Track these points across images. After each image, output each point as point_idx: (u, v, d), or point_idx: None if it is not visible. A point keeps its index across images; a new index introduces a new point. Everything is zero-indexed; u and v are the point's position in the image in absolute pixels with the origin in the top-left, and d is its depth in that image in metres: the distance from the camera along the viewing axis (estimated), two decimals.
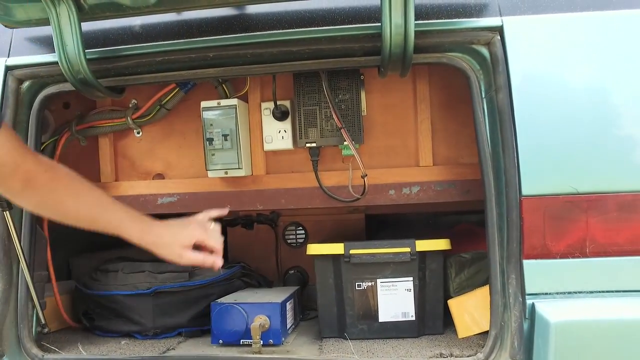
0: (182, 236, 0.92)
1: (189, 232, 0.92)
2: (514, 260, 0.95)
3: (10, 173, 0.80)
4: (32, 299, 1.11)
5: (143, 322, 1.25)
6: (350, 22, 1.03)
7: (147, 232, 0.90)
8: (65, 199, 0.86)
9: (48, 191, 0.85)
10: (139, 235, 0.90)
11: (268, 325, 1.12)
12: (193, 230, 0.93)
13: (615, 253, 0.94)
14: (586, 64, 0.97)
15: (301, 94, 1.20)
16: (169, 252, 0.92)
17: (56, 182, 0.86)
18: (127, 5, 1.00)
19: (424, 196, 1.18)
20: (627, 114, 0.96)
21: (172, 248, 0.91)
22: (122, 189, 1.30)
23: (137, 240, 0.91)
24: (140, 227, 0.90)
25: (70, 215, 0.89)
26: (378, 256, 1.15)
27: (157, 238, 0.91)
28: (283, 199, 1.22)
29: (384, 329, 1.17)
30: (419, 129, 1.22)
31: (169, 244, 0.91)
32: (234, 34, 1.05)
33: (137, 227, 0.90)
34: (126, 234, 0.91)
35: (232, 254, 1.76)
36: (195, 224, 0.94)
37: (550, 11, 0.99)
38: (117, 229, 0.90)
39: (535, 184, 0.95)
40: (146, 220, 0.92)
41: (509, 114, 0.97)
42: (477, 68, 1.03)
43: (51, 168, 0.86)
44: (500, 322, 0.97)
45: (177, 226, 0.93)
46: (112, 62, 1.08)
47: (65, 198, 0.86)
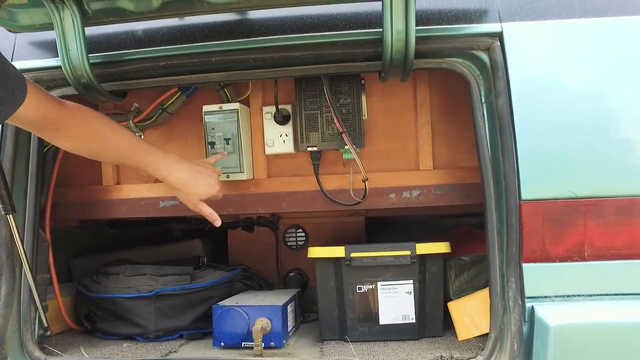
0: (200, 190, 1.04)
1: (207, 189, 1.04)
2: (513, 263, 0.96)
3: (41, 126, 0.91)
4: (34, 302, 1.11)
5: (145, 324, 1.25)
6: (352, 28, 1.04)
7: (170, 175, 1.02)
8: (95, 142, 0.97)
9: (79, 136, 0.96)
10: (163, 176, 1.03)
11: (269, 328, 1.13)
12: (212, 188, 1.05)
13: (613, 257, 0.95)
14: (584, 70, 0.99)
15: (302, 98, 1.21)
16: (185, 199, 1.05)
17: (83, 128, 0.96)
18: (131, 10, 1.01)
19: (424, 200, 1.19)
20: (625, 119, 0.98)
21: (189, 197, 1.04)
22: (124, 192, 1.31)
23: (161, 179, 1.04)
24: (165, 168, 1.02)
25: (102, 156, 1.04)
26: (379, 259, 1.16)
27: (181, 185, 1.03)
28: (284, 203, 1.23)
29: (384, 331, 1.18)
30: (419, 132, 1.23)
31: (187, 194, 1.04)
32: (236, 39, 1.06)
33: (162, 168, 1.02)
34: (151, 173, 1.04)
35: (232, 257, 1.77)
36: (215, 180, 1.06)
37: (549, 17, 1.00)
38: (144, 168, 1.03)
39: (534, 189, 0.96)
40: (171, 162, 1.03)
41: (509, 118, 0.98)
42: (477, 73, 1.04)
43: (79, 115, 0.95)
44: (500, 325, 0.98)
45: (198, 177, 1.04)
46: (115, 66, 1.09)
47: (95, 142, 0.97)
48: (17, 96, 0.82)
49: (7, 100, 0.81)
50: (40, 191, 1.18)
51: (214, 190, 1.06)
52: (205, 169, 1.07)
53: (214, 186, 1.06)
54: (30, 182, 1.14)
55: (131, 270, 1.30)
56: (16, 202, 1.08)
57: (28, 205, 1.13)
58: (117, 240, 1.75)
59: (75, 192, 1.33)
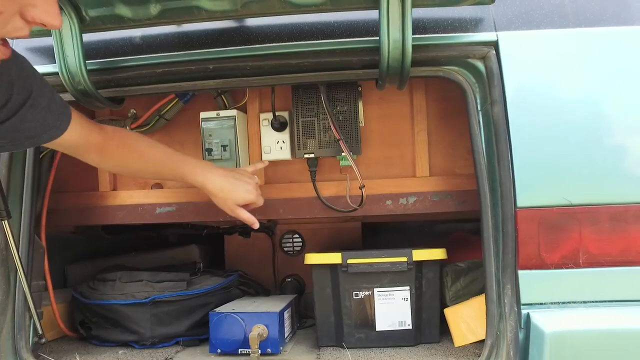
0: (237, 196, 1.06)
1: (244, 195, 1.06)
2: (509, 270, 0.97)
3: (85, 151, 0.98)
4: (29, 309, 1.10)
5: (141, 331, 1.24)
6: (349, 36, 1.05)
7: (207, 181, 1.04)
8: (135, 160, 1.03)
9: (118, 156, 1.01)
10: (200, 183, 1.05)
11: (266, 335, 1.13)
12: (249, 193, 1.07)
13: (608, 263, 0.96)
14: (579, 79, 1.00)
15: (300, 105, 1.21)
16: (222, 204, 1.07)
17: (122, 148, 1.01)
18: (129, 17, 1.01)
19: (420, 206, 1.20)
20: (619, 127, 0.99)
21: (226, 203, 1.06)
22: (120, 199, 1.30)
23: (198, 186, 1.07)
24: (202, 174, 1.04)
25: (143, 172, 1.08)
26: (375, 265, 1.16)
27: (217, 191, 1.05)
28: (281, 209, 1.23)
29: (381, 337, 1.18)
30: (415, 139, 1.24)
31: (224, 199, 1.06)
32: (234, 46, 1.06)
33: (199, 175, 1.04)
34: (189, 182, 1.07)
35: (229, 262, 1.77)
36: (252, 186, 1.08)
37: (543, 27, 1.01)
38: (182, 178, 1.06)
39: (530, 196, 0.97)
40: (207, 169, 1.05)
41: (504, 126, 0.99)
42: (472, 81, 1.05)
43: (116, 136, 1.01)
44: (496, 332, 0.98)
45: (235, 183, 1.06)
46: (112, 73, 1.09)
47: (135, 160, 1.02)
48: (62, 122, 0.89)
49: (53, 126, 0.87)
50: (36, 197, 1.17)
51: (252, 195, 1.07)
52: (242, 175, 1.09)
53: (251, 192, 1.07)
54: (26, 188, 1.14)
55: (127, 277, 1.29)
56: (11, 208, 1.08)
57: (24, 211, 1.13)
58: (113, 246, 1.74)
59: (71, 198, 1.33)
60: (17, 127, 0.82)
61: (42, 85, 0.86)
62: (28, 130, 0.84)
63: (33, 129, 0.85)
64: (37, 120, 0.84)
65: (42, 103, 0.84)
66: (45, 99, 0.85)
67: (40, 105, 0.84)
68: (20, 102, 0.81)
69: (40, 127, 0.86)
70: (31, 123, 0.84)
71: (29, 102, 0.82)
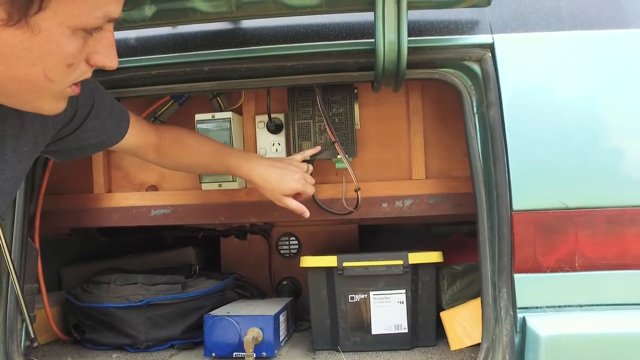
0: (285, 186, 1.06)
1: (292, 184, 1.06)
2: (505, 274, 0.96)
3: (144, 152, 1.03)
4: (21, 313, 1.09)
5: (135, 334, 1.24)
6: (345, 38, 1.04)
7: (253, 172, 1.05)
8: (186, 156, 1.06)
9: (173, 153, 1.05)
10: (247, 175, 1.06)
11: (261, 338, 1.12)
12: (296, 183, 1.07)
13: (604, 267, 0.96)
14: (574, 81, 1.00)
15: (295, 108, 1.21)
16: (270, 195, 1.07)
17: (176, 145, 1.04)
18: (123, 19, 1.01)
19: (416, 209, 1.19)
20: (615, 130, 0.99)
21: (274, 193, 1.06)
22: (115, 201, 1.30)
23: (245, 178, 1.11)
24: (248, 166, 1.05)
25: (195, 167, 1.11)
26: (371, 269, 1.15)
27: (263, 182, 1.05)
28: (277, 212, 1.22)
29: (377, 341, 1.17)
30: (411, 142, 1.23)
31: (271, 190, 1.06)
32: (229, 48, 1.06)
33: (245, 167, 1.05)
34: (235, 174, 1.11)
35: (225, 264, 1.76)
36: (300, 175, 1.08)
37: (539, 29, 1.01)
38: (229, 171, 1.08)
39: (525, 199, 0.97)
40: (253, 160, 1.06)
41: (500, 129, 0.98)
42: (469, 84, 1.04)
43: (169, 135, 1.04)
44: (492, 336, 0.98)
45: (281, 173, 1.06)
46: (106, 75, 1.08)
47: (186, 156, 1.05)
48: (122, 128, 0.94)
49: (114, 132, 0.93)
50: (30, 199, 1.17)
51: (299, 185, 1.07)
52: (290, 164, 1.09)
53: (299, 181, 1.06)
54: (19, 191, 1.13)
55: (122, 279, 1.28)
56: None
57: (16, 213, 1.12)
58: (109, 248, 1.73)
59: (65, 200, 1.32)
60: (82, 137, 0.86)
61: (102, 94, 0.89)
62: (91, 139, 0.88)
63: (96, 137, 0.89)
64: (99, 129, 0.88)
65: (103, 112, 0.88)
66: (106, 108, 0.89)
67: (103, 114, 0.88)
68: (85, 115, 0.84)
69: (103, 134, 0.90)
70: (94, 132, 0.88)
71: (92, 113, 0.85)
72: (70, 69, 0.60)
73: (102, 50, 0.61)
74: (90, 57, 0.61)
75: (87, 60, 0.62)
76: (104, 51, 0.61)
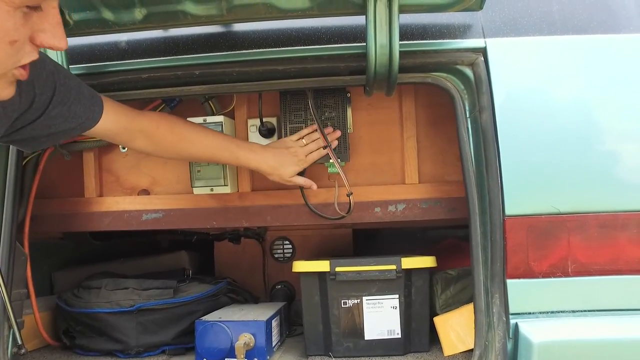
0: (288, 169, 1.13)
1: (293, 167, 1.13)
2: (497, 279, 0.96)
3: (129, 138, 0.98)
4: (8, 319, 1.08)
5: (126, 340, 1.22)
6: (336, 42, 1.04)
7: (261, 163, 1.11)
8: (187, 146, 1.04)
9: (169, 143, 1.02)
10: (255, 166, 1.11)
11: (253, 344, 1.11)
12: (295, 165, 1.13)
13: (596, 272, 0.95)
14: (566, 86, 1.00)
15: (287, 112, 1.20)
16: (278, 179, 1.14)
17: (171, 134, 1.02)
18: (113, 22, 1.00)
19: (409, 214, 1.19)
20: (607, 135, 0.98)
21: (281, 177, 1.13)
22: (106, 205, 1.29)
23: (253, 169, 1.15)
24: (254, 158, 1.10)
25: (195, 157, 1.11)
26: (364, 274, 1.15)
27: (269, 169, 1.12)
28: (269, 216, 1.21)
29: (369, 346, 1.16)
30: (404, 146, 1.23)
31: (279, 175, 1.13)
32: (221, 52, 1.05)
33: (252, 159, 1.10)
34: (242, 166, 1.15)
35: (218, 269, 1.75)
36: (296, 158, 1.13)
37: (531, 34, 1.01)
38: (235, 163, 1.12)
39: (518, 204, 0.96)
40: (258, 151, 1.11)
41: (492, 133, 0.98)
42: (461, 88, 1.04)
43: (163, 123, 1.02)
44: (485, 342, 0.97)
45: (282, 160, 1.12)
46: (97, 78, 1.07)
47: (186, 146, 1.04)
48: (94, 113, 0.90)
49: (85, 118, 0.88)
50: (19, 203, 1.15)
51: (298, 167, 1.13)
52: (288, 148, 1.14)
53: (297, 163, 1.13)
54: (8, 194, 1.12)
55: (113, 284, 1.27)
56: None
57: (5, 217, 1.11)
58: (101, 252, 1.72)
59: (56, 204, 1.31)
60: (47, 124, 0.83)
61: (65, 78, 0.85)
62: (59, 125, 0.85)
63: (64, 124, 0.85)
64: (67, 116, 0.85)
65: (69, 97, 0.84)
66: (72, 92, 0.85)
67: (68, 99, 0.84)
68: (46, 101, 0.81)
69: (72, 121, 0.86)
70: (62, 118, 0.84)
71: (55, 98, 0.82)
72: (14, 47, 0.57)
73: (49, 28, 0.59)
74: (35, 36, 0.59)
75: (32, 39, 0.59)
76: (51, 30, 0.59)
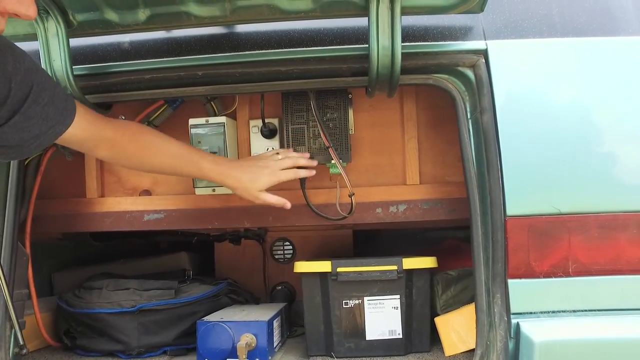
0: (257, 182, 1.05)
1: (264, 179, 1.06)
2: (499, 279, 0.96)
3: (94, 146, 0.95)
4: (10, 319, 1.08)
5: (127, 341, 1.22)
6: (339, 43, 1.04)
7: (226, 176, 1.05)
8: (150, 156, 1.00)
9: (131, 152, 0.99)
10: (219, 179, 1.05)
11: (255, 344, 1.11)
12: (268, 176, 1.06)
13: (597, 272, 0.96)
14: (566, 87, 1.00)
15: (289, 113, 1.21)
16: (245, 195, 1.07)
17: (135, 143, 0.99)
18: (117, 23, 1.01)
19: (410, 214, 1.19)
20: (607, 136, 0.99)
21: (248, 192, 1.06)
22: (107, 205, 1.29)
23: (218, 182, 1.07)
24: (219, 170, 1.04)
25: (156, 168, 1.05)
26: (365, 274, 1.15)
27: (235, 182, 1.05)
28: (270, 217, 1.22)
29: (371, 347, 1.17)
30: (406, 147, 1.23)
31: (245, 189, 1.06)
32: (223, 53, 1.06)
33: (216, 171, 1.04)
34: (208, 178, 1.07)
35: (219, 270, 1.75)
36: (269, 169, 1.07)
37: (532, 36, 1.02)
38: (201, 176, 1.06)
39: (519, 205, 0.97)
40: (224, 164, 1.05)
41: (494, 134, 0.99)
42: (462, 89, 1.05)
43: (128, 131, 0.98)
44: (486, 342, 0.97)
45: (252, 171, 1.06)
46: (100, 78, 1.08)
47: (147, 155, 1.00)
48: (66, 117, 0.86)
49: (56, 122, 0.84)
50: (21, 204, 1.15)
51: (272, 177, 1.06)
52: (259, 160, 1.09)
53: (270, 174, 1.06)
54: (10, 195, 1.12)
55: (114, 285, 1.27)
56: None
57: (7, 218, 1.11)
58: (102, 253, 1.72)
59: (57, 205, 1.31)
60: (22, 127, 0.80)
61: (43, 79, 0.83)
62: (32, 127, 0.81)
63: (37, 127, 0.82)
64: (40, 117, 0.81)
65: (44, 98, 0.81)
66: (47, 94, 0.82)
67: (43, 100, 0.81)
68: (22, 97, 0.78)
69: (43, 124, 0.82)
70: (34, 120, 0.81)
71: (30, 97, 0.79)
72: None
73: None
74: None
75: None
76: None
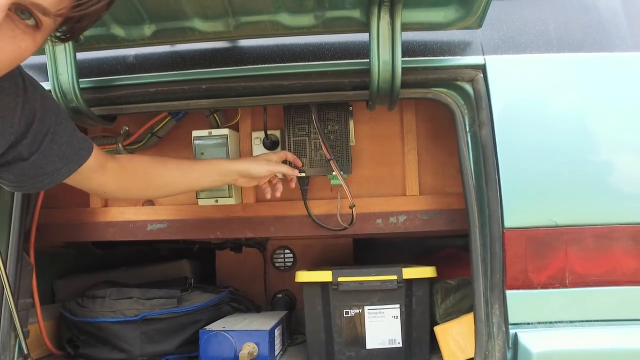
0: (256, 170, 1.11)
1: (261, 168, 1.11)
2: (497, 290, 0.98)
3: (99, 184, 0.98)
4: (15, 328, 1.09)
5: (130, 349, 1.23)
6: (340, 58, 1.06)
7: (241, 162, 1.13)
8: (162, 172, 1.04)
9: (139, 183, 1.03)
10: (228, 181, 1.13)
11: (256, 353, 1.13)
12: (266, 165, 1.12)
13: (593, 283, 0.97)
14: (563, 102, 1.03)
15: (291, 125, 1.23)
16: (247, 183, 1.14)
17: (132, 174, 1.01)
18: (122, 37, 1.03)
19: (410, 225, 1.21)
20: (603, 149, 1.01)
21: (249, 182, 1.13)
22: (111, 215, 1.30)
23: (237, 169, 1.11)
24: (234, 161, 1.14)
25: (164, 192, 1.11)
26: (366, 284, 1.16)
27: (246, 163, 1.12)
28: (272, 227, 1.23)
29: (371, 356, 1.18)
30: (405, 159, 1.25)
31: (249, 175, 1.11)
32: (227, 67, 1.08)
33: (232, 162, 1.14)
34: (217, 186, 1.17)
35: (220, 278, 1.76)
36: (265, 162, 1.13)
37: (529, 51, 1.04)
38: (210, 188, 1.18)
39: (517, 217, 0.99)
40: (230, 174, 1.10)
41: (492, 148, 1.01)
42: (461, 103, 1.07)
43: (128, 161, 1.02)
44: (485, 352, 0.99)
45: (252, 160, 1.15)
46: (105, 91, 1.09)
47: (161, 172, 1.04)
48: (80, 157, 0.89)
49: (70, 160, 0.87)
50: (26, 213, 1.17)
51: (271, 167, 1.12)
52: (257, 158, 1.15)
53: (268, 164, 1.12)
54: (16, 205, 1.13)
55: (117, 294, 1.28)
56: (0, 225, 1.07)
57: (12, 228, 1.12)
58: (103, 260, 1.73)
59: (61, 214, 1.32)
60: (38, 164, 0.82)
61: (65, 119, 0.86)
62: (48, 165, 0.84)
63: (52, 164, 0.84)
64: (56, 155, 0.84)
65: (62, 138, 0.84)
66: (66, 134, 0.85)
67: (61, 139, 0.84)
68: (41, 133, 0.81)
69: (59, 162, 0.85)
70: (51, 158, 0.83)
71: (47, 137, 0.82)
72: None
73: None
74: None
75: None
76: None
